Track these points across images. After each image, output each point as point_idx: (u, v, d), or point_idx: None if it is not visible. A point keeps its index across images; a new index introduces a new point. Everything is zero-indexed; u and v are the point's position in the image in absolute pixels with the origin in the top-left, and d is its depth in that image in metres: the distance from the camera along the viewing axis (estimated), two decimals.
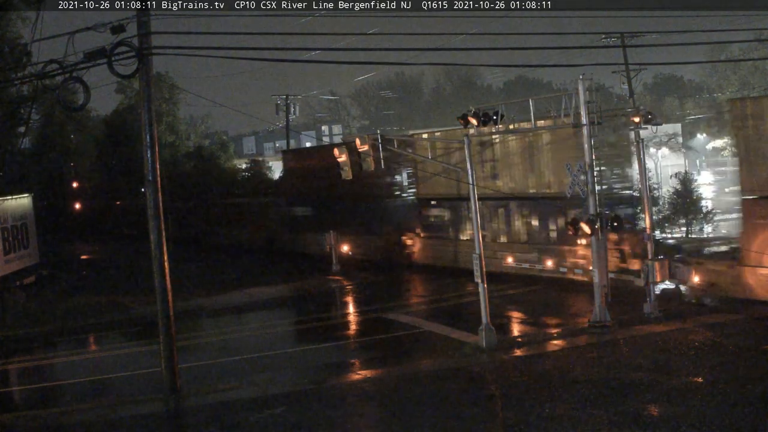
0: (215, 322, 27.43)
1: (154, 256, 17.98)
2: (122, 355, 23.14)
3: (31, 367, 23.43)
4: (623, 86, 48.46)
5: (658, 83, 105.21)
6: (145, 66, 17.26)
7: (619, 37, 43.90)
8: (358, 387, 17.84)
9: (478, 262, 20.04)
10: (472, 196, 20.59)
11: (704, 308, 22.45)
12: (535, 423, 14.21)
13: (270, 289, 31.97)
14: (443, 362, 19.35)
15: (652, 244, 22.72)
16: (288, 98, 56.00)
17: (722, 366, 16.95)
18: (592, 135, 21.59)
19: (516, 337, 21.52)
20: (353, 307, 29.31)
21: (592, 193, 21.41)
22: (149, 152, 17.77)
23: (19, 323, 27.04)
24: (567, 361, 18.42)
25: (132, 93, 59.01)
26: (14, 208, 33.40)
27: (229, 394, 17.78)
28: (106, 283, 34.94)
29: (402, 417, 15.44)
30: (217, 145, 65.42)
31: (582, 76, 21.38)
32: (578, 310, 23.64)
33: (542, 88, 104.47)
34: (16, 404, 19.66)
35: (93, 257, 49.71)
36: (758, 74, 68.05)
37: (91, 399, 18.73)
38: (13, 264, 32.49)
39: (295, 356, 21.53)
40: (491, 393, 16.82)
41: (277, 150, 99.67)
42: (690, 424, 13.48)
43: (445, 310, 26.21)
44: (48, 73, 17.78)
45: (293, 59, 21.66)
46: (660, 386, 15.76)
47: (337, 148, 23.16)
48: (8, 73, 32.78)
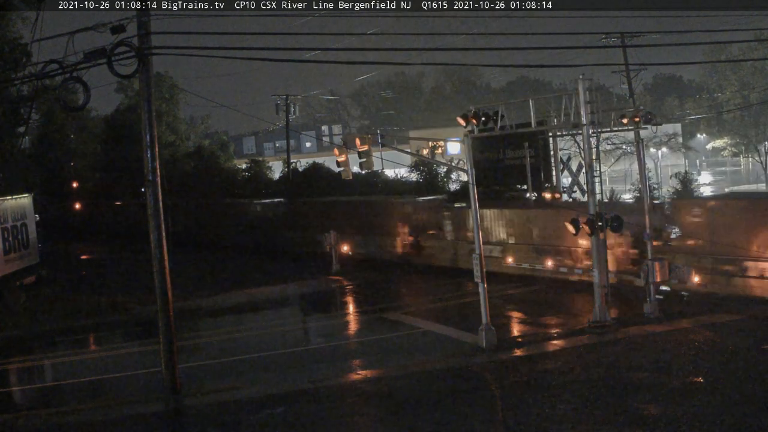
0: (215, 322, 27.43)
1: (154, 255, 17.98)
2: (122, 355, 23.12)
3: (31, 367, 23.44)
4: (623, 86, 48.47)
5: (658, 83, 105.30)
6: (145, 66, 17.25)
7: (619, 37, 43.88)
8: (358, 387, 17.83)
9: (478, 262, 20.04)
10: (472, 195, 20.58)
11: (704, 308, 22.46)
12: (535, 423, 14.21)
13: (270, 289, 31.95)
14: (443, 362, 19.35)
15: (652, 244, 22.73)
16: (288, 98, 55.99)
17: (722, 366, 16.95)
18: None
19: (516, 337, 21.52)
20: (353, 307, 29.31)
21: (592, 193, 21.42)
22: (149, 152, 17.77)
23: (19, 323, 27.01)
24: (567, 361, 18.42)
25: (132, 93, 59.00)
26: (14, 208, 33.37)
27: (229, 394, 17.77)
28: (106, 283, 34.90)
29: (402, 417, 15.44)
30: (217, 145, 65.41)
31: (582, 76, 21.38)
32: (578, 310, 23.65)
33: (542, 88, 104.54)
34: (16, 404, 19.63)
35: (93, 257, 49.69)
36: (758, 74, 68.03)
37: (91, 399, 18.73)
38: (13, 264, 32.47)
39: (294, 356, 21.52)
40: (491, 393, 16.82)
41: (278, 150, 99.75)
42: (690, 424, 13.49)
43: (445, 310, 26.22)
44: (48, 73, 17.77)
45: (293, 59, 21.66)
46: (660, 386, 15.76)
47: (337, 148, 23.13)
48: (8, 73, 32.75)
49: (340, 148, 22.62)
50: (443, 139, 55.59)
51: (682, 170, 40.74)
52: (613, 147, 48.06)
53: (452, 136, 47.99)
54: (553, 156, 29.88)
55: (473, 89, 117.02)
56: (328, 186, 44.58)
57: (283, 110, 55.54)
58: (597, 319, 21.08)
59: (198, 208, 52.68)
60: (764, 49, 59.23)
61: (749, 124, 70.86)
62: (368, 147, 21.45)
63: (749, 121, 70.77)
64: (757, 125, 70.24)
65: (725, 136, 77.18)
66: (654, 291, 21.99)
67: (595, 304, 21.20)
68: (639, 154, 23.84)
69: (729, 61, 64.48)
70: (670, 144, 64.68)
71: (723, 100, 72.25)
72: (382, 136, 22.84)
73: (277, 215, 45.38)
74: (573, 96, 21.77)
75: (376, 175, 43.59)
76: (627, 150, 47.94)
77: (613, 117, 23.83)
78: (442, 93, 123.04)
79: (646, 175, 24.09)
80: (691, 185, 34.82)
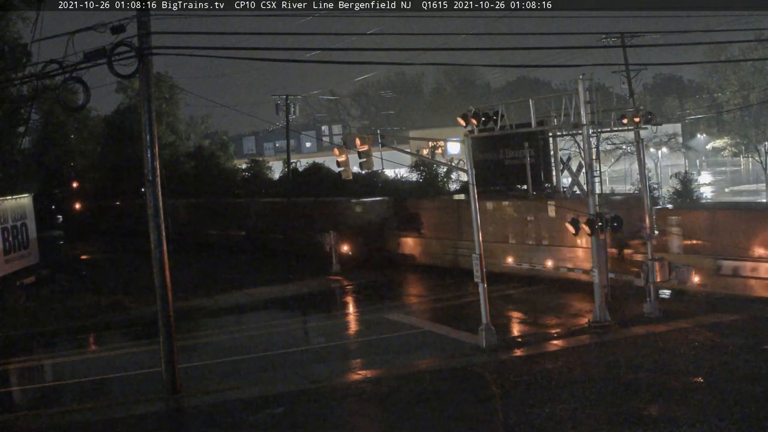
0: (215, 322, 27.42)
1: (154, 255, 17.97)
2: (122, 355, 23.12)
3: (31, 367, 23.44)
4: (623, 86, 48.42)
5: (658, 83, 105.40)
6: (145, 66, 17.25)
7: (619, 37, 43.84)
8: (358, 387, 17.83)
9: (477, 262, 20.04)
10: (472, 195, 20.57)
11: (704, 308, 22.47)
12: (535, 423, 14.22)
13: (270, 289, 31.94)
14: (443, 362, 19.35)
15: (652, 244, 22.74)
16: (288, 98, 55.89)
17: (722, 366, 16.95)
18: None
19: (516, 337, 21.53)
20: (353, 307, 29.31)
21: (592, 193, 21.42)
22: (149, 152, 17.77)
23: (19, 323, 27.01)
24: (567, 361, 18.42)
25: (132, 93, 58.91)
26: (14, 208, 33.36)
27: (229, 394, 17.77)
28: (106, 283, 34.88)
29: (402, 417, 15.44)
30: (217, 145, 65.28)
31: (582, 76, 21.38)
32: (578, 310, 23.65)
33: (542, 88, 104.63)
34: (16, 404, 19.64)
35: (93, 257, 49.67)
36: (758, 74, 68.03)
37: (91, 399, 18.72)
38: (13, 264, 32.46)
39: (295, 356, 21.52)
40: (491, 393, 16.82)
41: (278, 150, 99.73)
42: (690, 424, 13.49)
43: (445, 310, 26.22)
44: (48, 73, 17.78)
45: (293, 59, 21.63)
46: (660, 386, 15.77)
47: (337, 148, 23.12)
48: (8, 73, 32.76)
49: (340, 148, 22.62)
50: (443, 139, 55.55)
51: (682, 170, 40.76)
52: (613, 147, 48.06)
53: (452, 136, 47.99)
54: (553, 156, 29.84)
55: (473, 89, 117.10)
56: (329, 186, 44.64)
57: (283, 110, 55.44)
58: (597, 319, 21.10)
59: (198, 208, 52.64)
60: (764, 49, 59.23)
61: (749, 124, 70.88)
62: (368, 147, 21.45)
63: (749, 121, 70.79)
64: (757, 125, 70.25)
65: (725, 136, 77.20)
66: (654, 291, 22.00)
67: (595, 304, 21.21)
68: (639, 154, 23.85)
69: (729, 61, 64.46)
70: (670, 144, 64.72)
71: (723, 100, 72.23)
72: (382, 136, 22.82)
73: (277, 215, 45.38)
74: (573, 96, 21.78)
75: (376, 175, 43.60)
76: (627, 150, 47.94)
77: (613, 117, 23.83)
78: (442, 93, 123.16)
79: (646, 175, 24.09)
80: (690, 185, 34.84)
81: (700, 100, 78.56)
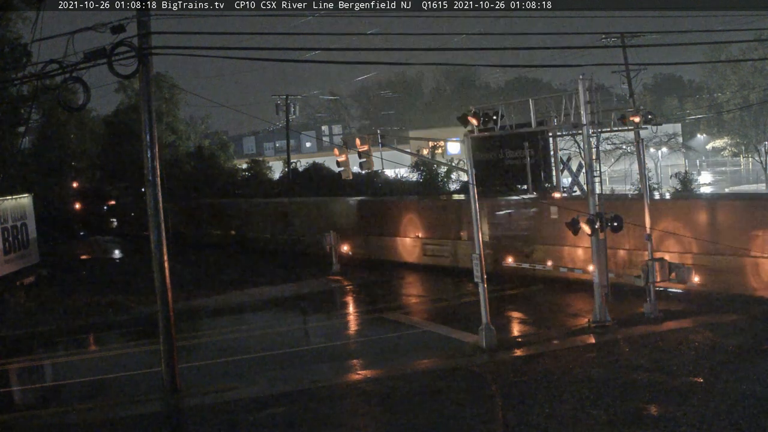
0: (215, 322, 27.42)
1: (154, 255, 17.97)
2: (122, 355, 23.11)
3: (31, 367, 23.43)
4: (623, 86, 48.45)
5: (658, 83, 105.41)
6: (145, 66, 17.25)
7: (619, 37, 43.87)
8: (358, 387, 17.83)
9: (477, 262, 20.03)
10: (472, 195, 20.57)
11: (704, 308, 22.46)
12: (535, 423, 14.21)
13: (270, 289, 31.95)
14: (443, 362, 19.34)
15: (652, 243, 22.72)
16: (288, 98, 55.97)
17: (722, 366, 16.94)
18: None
19: (516, 337, 21.53)
20: (353, 307, 29.31)
21: (592, 193, 21.41)
22: (149, 152, 17.77)
23: (19, 323, 27.02)
24: (567, 361, 18.42)
25: (132, 93, 58.92)
26: (14, 208, 33.40)
27: (229, 394, 17.76)
28: (106, 283, 34.90)
29: (402, 417, 15.44)
30: (217, 145, 65.34)
31: (582, 76, 21.37)
32: (578, 310, 23.65)
33: (542, 88, 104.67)
34: (16, 404, 19.63)
35: (93, 257, 49.69)
36: (758, 74, 68.07)
37: (91, 399, 18.71)
38: (13, 264, 32.51)
39: (295, 356, 21.51)
40: (491, 393, 16.83)
41: (278, 150, 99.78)
42: (690, 424, 13.49)
43: (445, 310, 26.22)
44: (48, 73, 17.78)
45: (293, 59, 21.67)
46: (660, 386, 15.76)
47: (337, 148, 23.12)
48: (8, 73, 32.79)
49: (340, 148, 22.61)
50: (443, 139, 55.56)
51: (682, 170, 40.78)
52: (613, 147, 48.07)
53: (452, 136, 48.00)
54: (553, 156, 29.80)
55: (473, 89, 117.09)
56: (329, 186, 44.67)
57: (283, 110, 55.52)
58: (597, 319, 21.09)
59: (198, 208, 52.67)
60: (764, 49, 59.27)
61: (749, 124, 70.92)
62: (368, 147, 21.45)
63: (749, 121, 70.83)
64: (757, 125, 70.30)
65: (725, 136, 77.23)
66: (654, 291, 21.99)
67: (595, 304, 21.20)
68: (639, 154, 23.82)
69: (729, 61, 64.52)
70: (670, 144, 64.75)
71: (723, 100, 72.28)
72: (382, 136, 22.80)
73: (277, 215, 45.39)
74: (573, 96, 21.76)
75: (376, 175, 43.64)
76: (627, 150, 47.97)
77: (613, 117, 23.80)
78: (442, 93, 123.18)
79: (646, 175, 24.07)
80: (690, 185, 34.86)
81: (700, 100, 78.61)
